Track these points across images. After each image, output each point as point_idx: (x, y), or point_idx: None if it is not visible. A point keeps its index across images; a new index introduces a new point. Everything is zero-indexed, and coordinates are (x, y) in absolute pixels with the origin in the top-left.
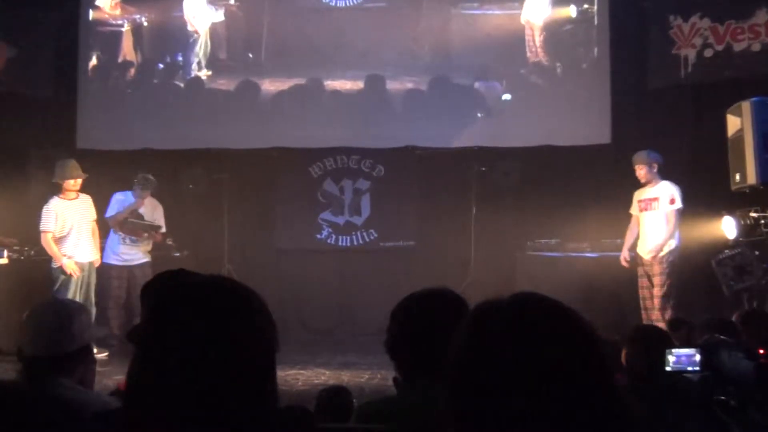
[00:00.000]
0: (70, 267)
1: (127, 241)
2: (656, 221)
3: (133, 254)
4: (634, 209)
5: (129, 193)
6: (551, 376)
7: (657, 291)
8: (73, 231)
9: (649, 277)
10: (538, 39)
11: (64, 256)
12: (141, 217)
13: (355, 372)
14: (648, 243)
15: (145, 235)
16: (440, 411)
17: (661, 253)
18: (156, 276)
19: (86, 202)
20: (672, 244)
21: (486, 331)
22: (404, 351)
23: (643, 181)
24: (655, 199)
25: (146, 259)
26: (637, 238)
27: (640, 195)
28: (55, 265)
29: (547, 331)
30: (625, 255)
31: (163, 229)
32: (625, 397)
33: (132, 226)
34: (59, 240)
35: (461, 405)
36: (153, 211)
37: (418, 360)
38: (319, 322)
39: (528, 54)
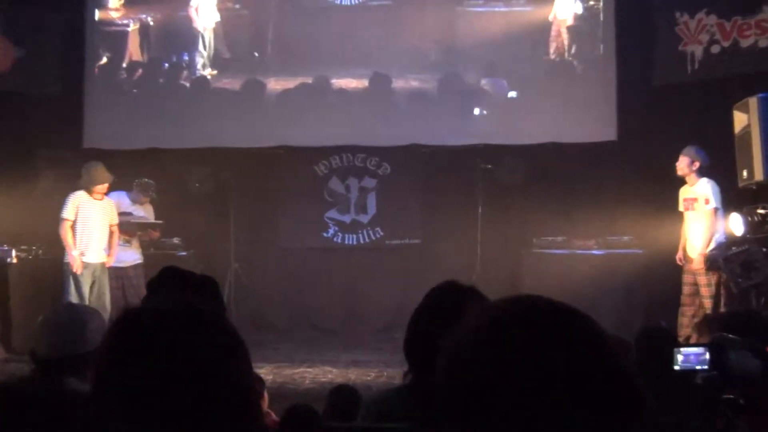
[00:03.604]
0: (76, 262)
1: (121, 242)
2: (697, 222)
3: (127, 255)
4: (680, 206)
5: (122, 193)
6: (560, 388)
7: (705, 291)
8: (87, 229)
9: (696, 278)
10: (566, 35)
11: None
12: (129, 212)
13: (362, 370)
14: (693, 244)
15: (139, 233)
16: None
17: (702, 252)
18: (162, 270)
19: (109, 205)
20: (713, 244)
21: (488, 340)
22: (420, 349)
23: (679, 173)
24: (695, 199)
25: (140, 260)
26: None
27: (684, 193)
28: (66, 259)
29: (557, 340)
30: (679, 255)
31: (159, 223)
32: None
33: (128, 227)
34: (74, 234)
35: (465, 418)
36: (144, 212)
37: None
38: (326, 320)
39: (551, 52)
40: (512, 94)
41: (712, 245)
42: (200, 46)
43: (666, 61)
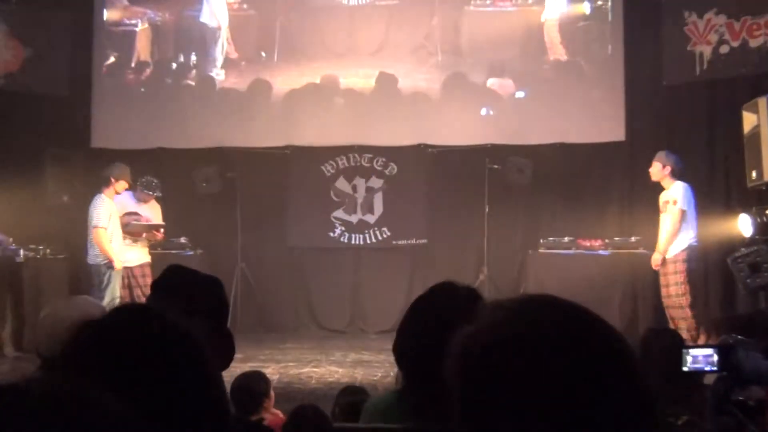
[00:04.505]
0: (119, 263)
1: (127, 241)
2: (666, 223)
3: (134, 255)
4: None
5: (127, 192)
6: (575, 388)
7: (672, 290)
8: (113, 231)
9: (666, 277)
10: (556, 37)
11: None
12: (136, 213)
13: (369, 370)
14: (660, 245)
15: (144, 235)
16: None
17: (668, 255)
18: (166, 269)
19: (115, 206)
20: (679, 245)
21: (495, 342)
22: (412, 351)
23: (653, 179)
24: (667, 201)
25: (146, 259)
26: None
27: (661, 197)
28: (99, 261)
29: (565, 341)
30: (657, 260)
31: (162, 225)
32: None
33: (132, 228)
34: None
35: (480, 418)
36: (151, 212)
37: (425, 360)
38: (332, 320)
39: (548, 52)
40: (519, 94)
41: (682, 246)
42: (208, 46)
43: (674, 62)
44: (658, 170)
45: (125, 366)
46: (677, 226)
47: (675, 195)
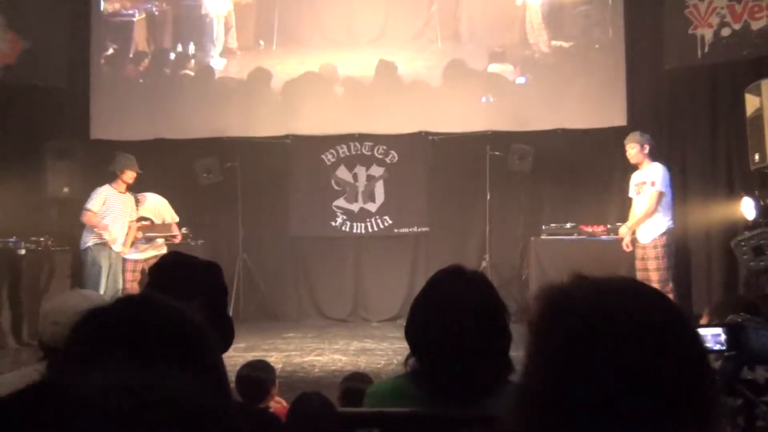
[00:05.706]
0: (111, 236)
1: (142, 241)
2: (641, 204)
3: (147, 249)
4: (631, 192)
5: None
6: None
7: (653, 276)
8: (110, 220)
9: (645, 261)
10: (536, 20)
11: (103, 232)
12: (145, 217)
13: (372, 358)
14: (642, 228)
15: (159, 241)
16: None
17: (646, 240)
18: (164, 256)
19: (130, 200)
20: (658, 229)
21: (591, 302)
22: (421, 332)
23: (632, 161)
24: (644, 182)
25: (161, 250)
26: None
27: (635, 178)
28: (87, 245)
29: (662, 321)
30: (627, 241)
31: (176, 219)
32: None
33: (150, 236)
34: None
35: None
36: (157, 208)
37: (434, 342)
38: (335, 309)
39: (529, 36)
40: (520, 80)
41: (661, 230)
42: (206, 36)
43: (676, 45)
44: (636, 152)
45: (128, 353)
46: (654, 208)
47: (654, 176)
